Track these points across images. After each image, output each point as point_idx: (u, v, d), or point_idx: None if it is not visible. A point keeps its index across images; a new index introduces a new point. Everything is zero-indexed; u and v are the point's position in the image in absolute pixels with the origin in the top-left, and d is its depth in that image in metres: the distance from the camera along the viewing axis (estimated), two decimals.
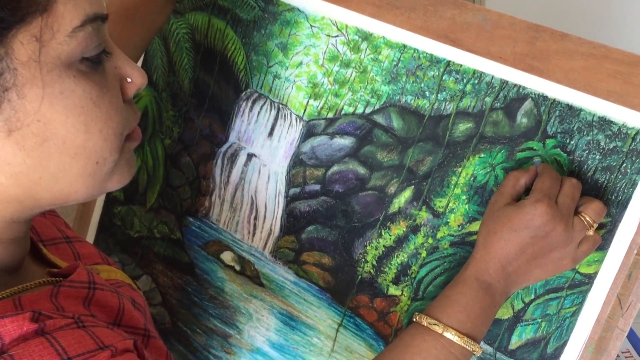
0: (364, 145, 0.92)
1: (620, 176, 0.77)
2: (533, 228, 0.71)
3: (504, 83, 0.83)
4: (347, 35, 0.93)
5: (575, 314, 0.81)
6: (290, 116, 0.98)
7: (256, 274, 1.01)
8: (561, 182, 0.75)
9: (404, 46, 0.89)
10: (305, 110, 0.96)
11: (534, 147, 0.82)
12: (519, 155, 0.82)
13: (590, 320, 0.79)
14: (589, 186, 0.78)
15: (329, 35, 0.94)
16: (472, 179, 0.85)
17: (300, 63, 0.97)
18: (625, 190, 0.77)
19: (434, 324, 0.72)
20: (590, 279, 0.78)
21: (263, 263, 1.01)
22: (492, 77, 0.83)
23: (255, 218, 1.01)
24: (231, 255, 1.04)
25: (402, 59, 0.89)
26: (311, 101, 0.96)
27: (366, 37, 0.91)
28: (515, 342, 0.82)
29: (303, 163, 0.97)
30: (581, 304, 0.80)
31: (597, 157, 0.78)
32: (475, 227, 0.85)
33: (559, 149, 0.80)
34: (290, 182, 0.98)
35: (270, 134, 1.00)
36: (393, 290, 0.91)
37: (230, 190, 1.03)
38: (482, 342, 0.81)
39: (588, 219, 0.73)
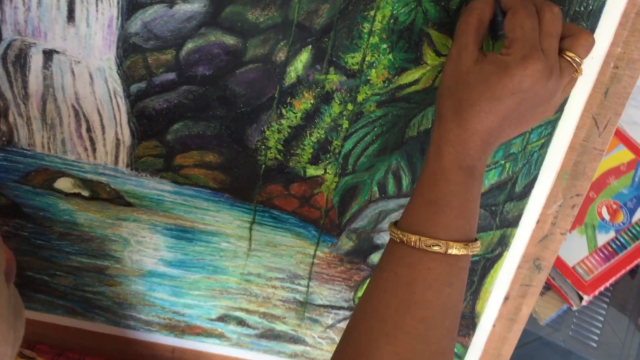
0: (224, 6, 0.60)
1: None
2: (521, 92, 0.51)
3: None
4: None
5: (545, 145, 0.64)
6: None
7: (116, 194, 0.73)
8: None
9: None
10: None
11: None
12: None
13: (561, 148, 0.64)
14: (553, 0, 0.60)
15: None
16: (391, 21, 0.60)
17: None
18: None
19: (434, 245, 0.52)
20: (560, 106, 0.63)
21: (122, 180, 0.72)
22: None
23: (89, 130, 0.69)
24: (70, 181, 0.72)
25: None
26: None
27: None
28: None
29: (138, 48, 0.63)
30: (550, 134, 0.63)
31: None
32: (406, 78, 0.63)
33: None
34: (127, 77, 0.64)
35: (71, 17, 0.63)
36: (312, 171, 0.69)
37: (34, 103, 0.68)
38: None
39: (577, 59, 0.53)
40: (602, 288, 1.02)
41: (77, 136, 0.66)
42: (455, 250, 0.53)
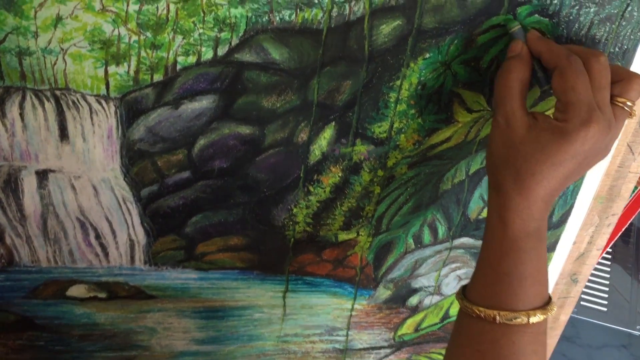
0: (236, 98, 0.55)
1: (624, 23, 0.54)
2: (582, 153, 0.49)
3: None
4: None
5: (581, 177, 0.67)
6: (85, 101, 0.55)
7: (136, 290, 0.68)
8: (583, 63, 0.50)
9: None
10: (108, 84, 0.55)
11: (501, 23, 0.55)
12: (481, 40, 0.55)
13: (597, 176, 0.64)
14: (585, 45, 0.56)
15: None
16: (419, 87, 0.56)
17: (59, 19, 0.50)
18: (632, 37, 0.55)
19: (516, 318, 0.51)
20: None
21: (140, 277, 0.67)
22: None
23: (98, 237, 0.64)
24: (84, 287, 0.67)
25: None
26: (112, 68, 0.52)
27: None
28: None
29: (145, 153, 0.58)
30: None
31: (592, 9, 0.53)
32: (437, 138, 0.60)
33: (537, 14, 0.54)
34: (136, 183, 0.59)
35: (64, 135, 0.57)
36: (344, 236, 0.66)
37: (33, 223, 0.62)
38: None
39: (629, 103, 0.51)
40: (603, 253, 1.05)
41: (85, 245, 0.61)
42: (536, 318, 0.52)
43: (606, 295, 1.04)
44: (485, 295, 0.54)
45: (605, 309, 1.02)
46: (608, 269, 1.07)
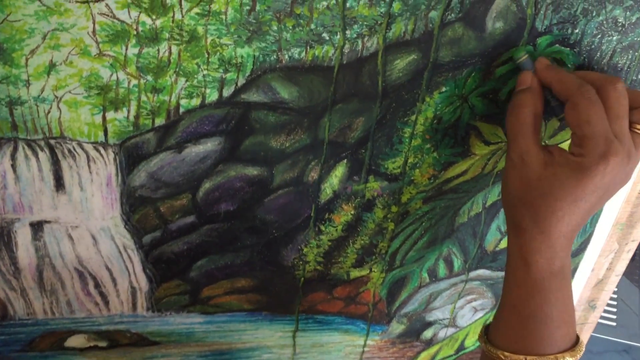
0: (242, 139, 0.52)
1: None
2: (603, 187, 0.47)
3: None
4: None
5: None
6: (82, 149, 0.52)
7: (139, 337, 0.65)
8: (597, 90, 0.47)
9: None
10: (106, 130, 0.52)
11: (511, 55, 0.53)
12: (499, 72, 0.52)
13: (617, 204, 0.62)
14: (607, 73, 0.53)
15: (85, 1, 0.45)
16: (435, 122, 0.54)
17: (52, 65, 0.47)
18: None
19: None
20: None
21: (143, 323, 0.64)
22: None
23: (98, 286, 0.61)
24: (83, 336, 0.64)
25: None
26: (111, 114, 0.50)
27: None
28: None
29: (147, 199, 0.55)
30: None
31: (615, 37, 0.51)
32: (453, 171, 0.57)
33: (557, 44, 0.52)
34: (138, 230, 0.56)
35: (60, 185, 0.53)
36: (356, 273, 0.64)
37: (28, 276, 0.59)
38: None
39: None
40: None
41: (84, 294, 0.58)
42: None
43: (615, 310, 1.03)
44: (509, 339, 0.51)
45: (614, 324, 1.01)
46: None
